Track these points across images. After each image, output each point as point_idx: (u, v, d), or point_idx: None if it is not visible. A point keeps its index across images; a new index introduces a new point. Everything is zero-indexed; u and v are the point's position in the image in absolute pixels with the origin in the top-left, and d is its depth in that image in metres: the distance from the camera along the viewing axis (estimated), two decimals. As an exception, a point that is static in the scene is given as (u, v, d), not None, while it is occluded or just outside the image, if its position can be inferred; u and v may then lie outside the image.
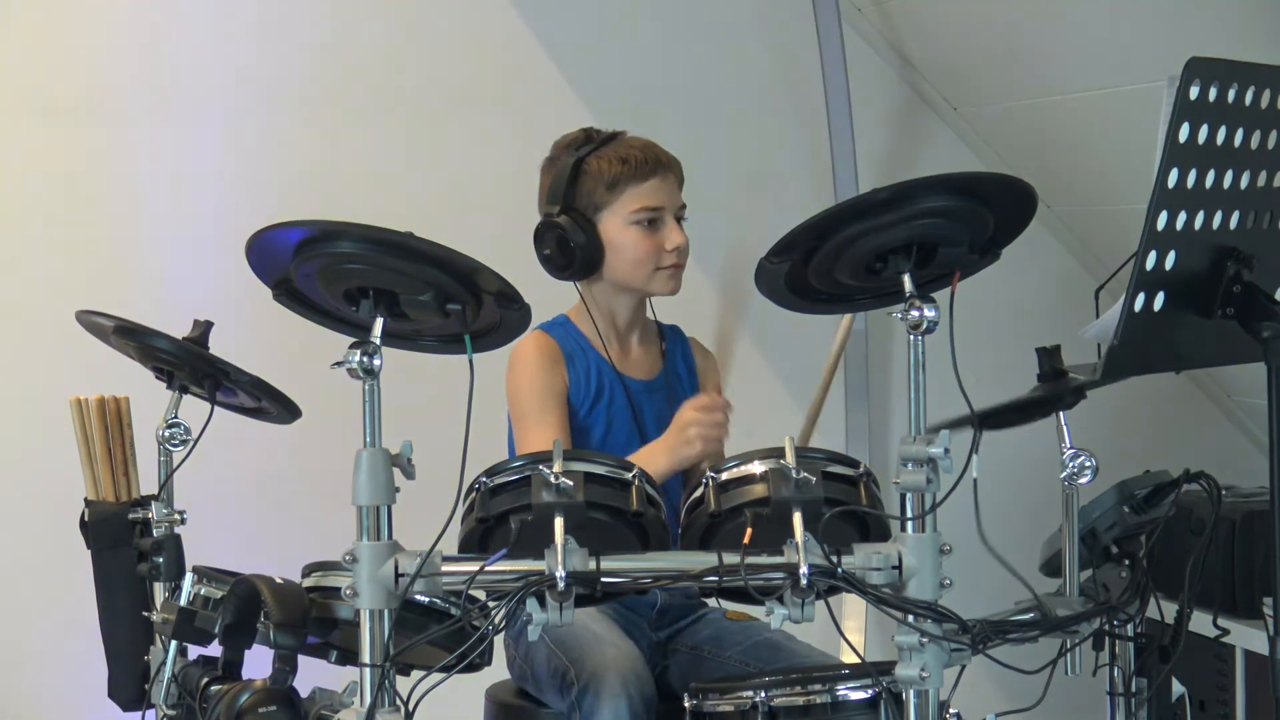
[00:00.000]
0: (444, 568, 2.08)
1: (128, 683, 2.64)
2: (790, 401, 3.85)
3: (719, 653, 2.66)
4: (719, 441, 2.61)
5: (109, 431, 2.71)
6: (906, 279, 2.09)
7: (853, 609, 3.34)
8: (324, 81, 3.66)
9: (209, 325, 2.57)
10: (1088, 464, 2.32)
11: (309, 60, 3.66)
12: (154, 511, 2.57)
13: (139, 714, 2.58)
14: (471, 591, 2.08)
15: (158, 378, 2.62)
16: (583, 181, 2.71)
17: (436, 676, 2.14)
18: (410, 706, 2.12)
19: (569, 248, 2.70)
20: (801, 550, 2.06)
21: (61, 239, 3.54)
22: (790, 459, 2.14)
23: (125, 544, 2.61)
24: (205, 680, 2.34)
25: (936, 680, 2.08)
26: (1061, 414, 2.36)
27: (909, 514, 2.08)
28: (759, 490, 2.16)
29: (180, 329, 2.56)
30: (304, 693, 2.26)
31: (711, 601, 2.80)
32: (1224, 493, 2.43)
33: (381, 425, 2.08)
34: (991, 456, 2.16)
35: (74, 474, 2.72)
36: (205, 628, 2.39)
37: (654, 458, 2.53)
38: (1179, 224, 2.03)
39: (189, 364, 2.54)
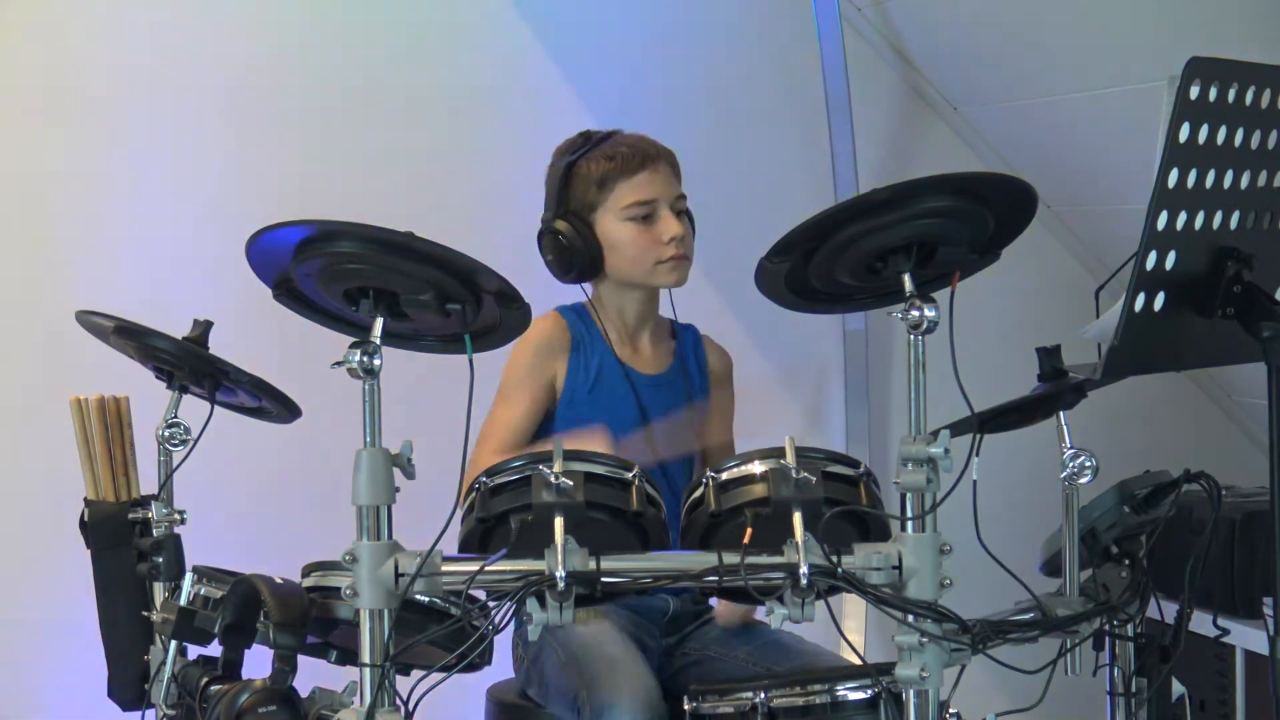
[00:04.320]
0: (444, 568, 2.08)
1: (128, 682, 2.64)
2: (790, 401, 3.85)
3: (727, 652, 2.65)
4: None
5: (109, 431, 2.70)
6: (906, 279, 2.09)
7: (853, 609, 3.34)
8: (325, 81, 3.66)
9: (209, 325, 2.57)
10: (1088, 464, 2.32)
11: (310, 60, 3.65)
12: (154, 511, 2.57)
13: (139, 714, 2.58)
14: (471, 591, 2.08)
15: (158, 378, 2.62)
16: (574, 184, 2.71)
17: (436, 676, 2.15)
18: (410, 706, 2.12)
19: (567, 252, 2.71)
20: (801, 550, 2.06)
21: (61, 239, 3.54)
22: (790, 459, 2.13)
23: (125, 544, 2.61)
24: (205, 680, 2.34)
25: (936, 680, 2.08)
26: (1061, 414, 2.36)
27: (909, 514, 2.08)
28: (759, 490, 2.16)
29: (180, 329, 2.56)
30: (304, 693, 2.25)
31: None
32: (1224, 493, 2.43)
33: (381, 425, 2.08)
34: (992, 456, 2.16)
35: (74, 474, 2.72)
36: (205, 628, 2.39)
37: None
38: (1179, 224, 2.03)
39: (189, 364, 2.54)
